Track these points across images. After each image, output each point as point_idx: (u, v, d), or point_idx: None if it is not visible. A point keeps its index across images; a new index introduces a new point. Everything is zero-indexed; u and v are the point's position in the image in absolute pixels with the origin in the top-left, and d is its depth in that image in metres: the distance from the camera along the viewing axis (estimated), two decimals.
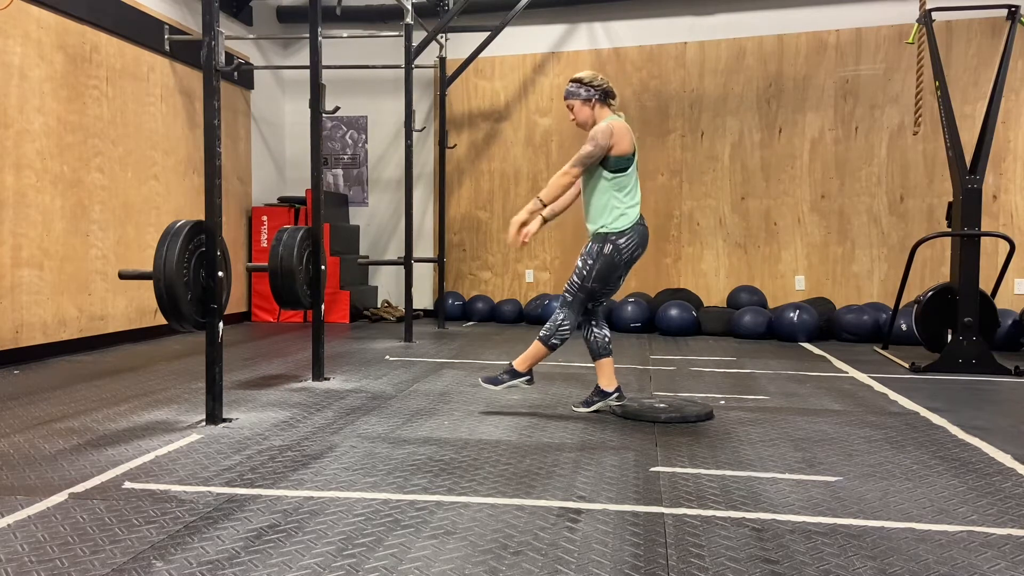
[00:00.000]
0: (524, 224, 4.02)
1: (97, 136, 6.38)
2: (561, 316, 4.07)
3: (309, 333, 5.40)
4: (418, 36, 7.41)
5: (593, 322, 4.21)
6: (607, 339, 4.21)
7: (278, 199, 9.00)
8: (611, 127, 3.95)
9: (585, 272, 4.03)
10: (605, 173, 3.98)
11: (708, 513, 2.66)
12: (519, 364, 4.17)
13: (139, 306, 6.91)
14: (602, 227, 4.01)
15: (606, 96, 4.06)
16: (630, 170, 4.01)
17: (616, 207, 3.99)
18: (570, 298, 4.07)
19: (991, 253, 7.14)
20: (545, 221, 4.08)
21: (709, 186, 8.52)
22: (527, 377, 4.20)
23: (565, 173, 3.95)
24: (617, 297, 6.50)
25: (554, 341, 4.07)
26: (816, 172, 8.25)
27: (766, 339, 7.45)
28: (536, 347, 4.11)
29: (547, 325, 4.10)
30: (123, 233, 6.72)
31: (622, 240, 3.99)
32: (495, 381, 4.22)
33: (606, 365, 4.20)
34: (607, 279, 4.04)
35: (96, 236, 6.39)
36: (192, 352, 6.20)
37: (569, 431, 3.81)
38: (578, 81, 4.07)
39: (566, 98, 4.10)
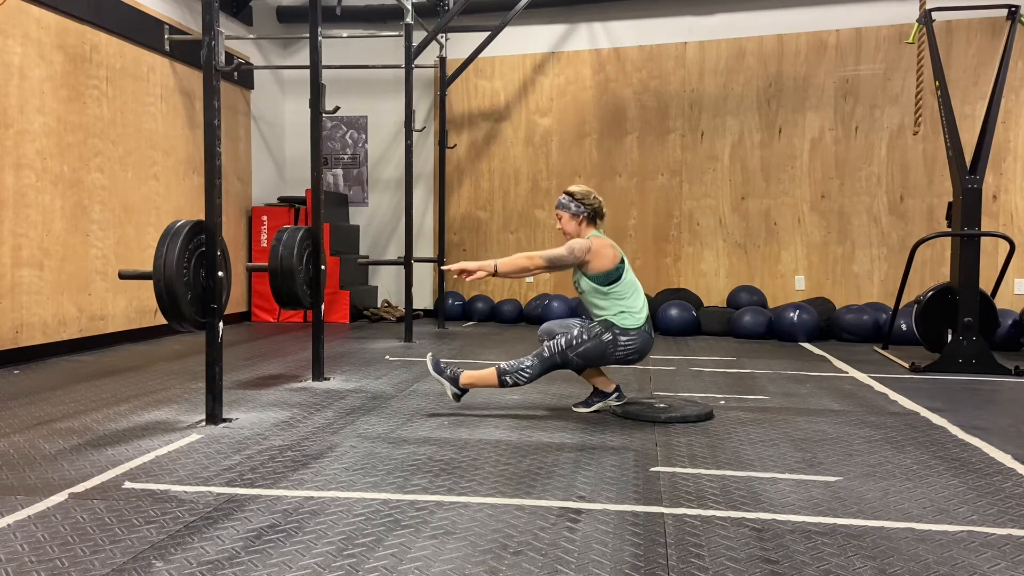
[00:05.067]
0: (471, 272, 3.94)
1: (97, 136, 6.38)
2: (527, 363, 4.02)
3: (309, 333, 5.40)
4: (418, 36, 7.41)
5: None
6: None
7: (278, 199, 9.00)
8: (590, 244, 3.99)
9: (575, 343, 4.00)
10: (601, 288, 4.01)
11: (708, 513, 2.66)
12: (465, 377, 4.12)
13: (139, 306, 6.91)
14: (610, 319, 4.02)
15: (595, 215, 4.12)
16: (624, 279, 4.03)
17: (624, 311, 4.01)
18: (546, 354, 4.03)
19: (991, 253, 7.14)
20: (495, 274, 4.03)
21: (709, 186, 8.52)
22: (459, 392, 4.15)
23: (530, 258, 3.95)
24: None
25: (507, 379, 4.03)
26: (816, 172, 8.25)
27: (766, 339, 7.45)
28: (489, 374, 4.06)
29: (511, 362, 4.07)
30: (123, 233, 6.72)
31: (624, 338, 3.99)
32: (437, 367, 4.16)
33: (591, 371, 4.20)
34: (589, 362, 4.04)
35: (96, 236, 6.39)
36: (192, 352, 6.20)
37: (569, 431, 3.81)
38: (571, 195, 4.11)
39: (557, 208, 4.17)
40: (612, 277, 4.00)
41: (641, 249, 8.61)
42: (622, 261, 4.06)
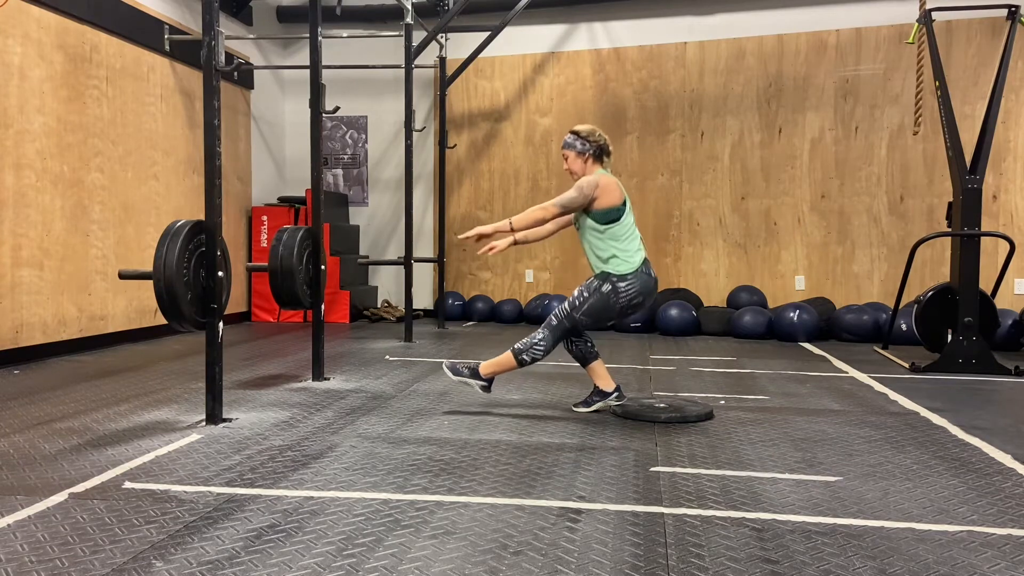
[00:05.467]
0: (488, 236, 4.04)
1: (97, 136, 6.38)
2: (539, 336, 4.06)
3: (309, 333, 5.41)
4: (418, 36, 7.41)
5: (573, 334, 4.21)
6: (589, 343, 4.21)
7: (278, 199, 9.00)
8: (597, 180, 4.00)
9: (577, 303, 4.03)
10: (598, 226, 4.02)
11: (708, 513, 2.66)
12: (484, 368, 4.16)
13: (139, 306, 6.91)
14: (605, 269, 4.04)
15: (601, 152, 4.14)
16: (623, 220, 4.03)
17: (616, 255, 4.02)
18: (555, 322, 4.06)
19: (991, 253, 7.14)
20: (516, 243, 4.11)
21: (709, 186, 8.52)
22: (485, 384, 4.19)
23: (544, 208, 3.98)
24: None
25: (524, 357, 4.05)
26: (816, 172, 8.25)
27: (766, 339, 7.45)
28: (506, 358, 4.10)
29: (524, 340, 4.09)
30: (123, 233, 6.72)
31: (622, 284, 4.01)
32: (455, 370, 4.21)
33: (597, 367, 4.22)
34: (597, 318, 4.05)
35: (96, 236, 6.39)
36: (192, 352, 6.20)
37: (569, 431, 3.81)
38: (576, 134, 4.14)
39: (563, 147, 4.19)
40: (612, 216, 4.00)
41: None
42: (624, 203, 4.07)
